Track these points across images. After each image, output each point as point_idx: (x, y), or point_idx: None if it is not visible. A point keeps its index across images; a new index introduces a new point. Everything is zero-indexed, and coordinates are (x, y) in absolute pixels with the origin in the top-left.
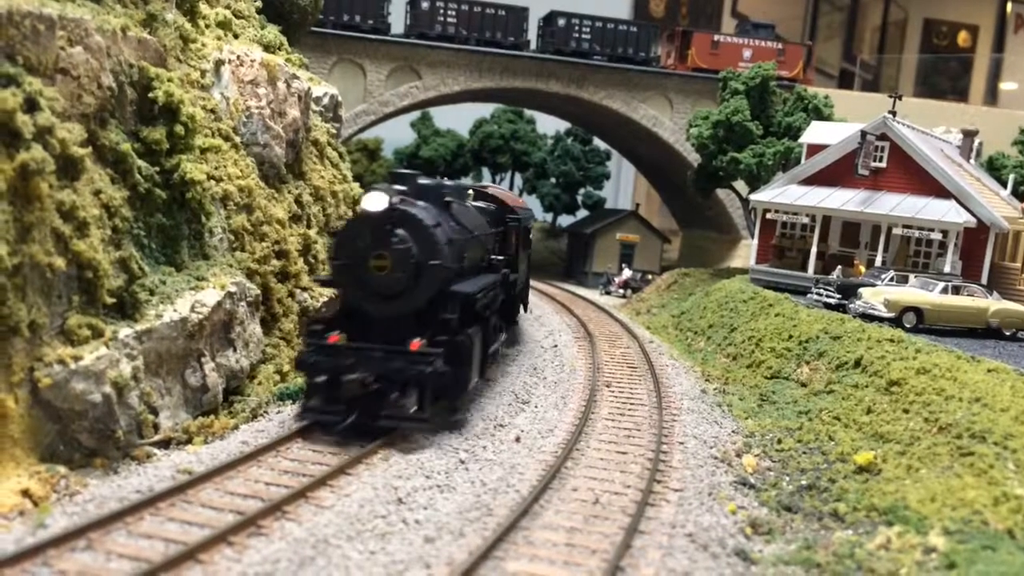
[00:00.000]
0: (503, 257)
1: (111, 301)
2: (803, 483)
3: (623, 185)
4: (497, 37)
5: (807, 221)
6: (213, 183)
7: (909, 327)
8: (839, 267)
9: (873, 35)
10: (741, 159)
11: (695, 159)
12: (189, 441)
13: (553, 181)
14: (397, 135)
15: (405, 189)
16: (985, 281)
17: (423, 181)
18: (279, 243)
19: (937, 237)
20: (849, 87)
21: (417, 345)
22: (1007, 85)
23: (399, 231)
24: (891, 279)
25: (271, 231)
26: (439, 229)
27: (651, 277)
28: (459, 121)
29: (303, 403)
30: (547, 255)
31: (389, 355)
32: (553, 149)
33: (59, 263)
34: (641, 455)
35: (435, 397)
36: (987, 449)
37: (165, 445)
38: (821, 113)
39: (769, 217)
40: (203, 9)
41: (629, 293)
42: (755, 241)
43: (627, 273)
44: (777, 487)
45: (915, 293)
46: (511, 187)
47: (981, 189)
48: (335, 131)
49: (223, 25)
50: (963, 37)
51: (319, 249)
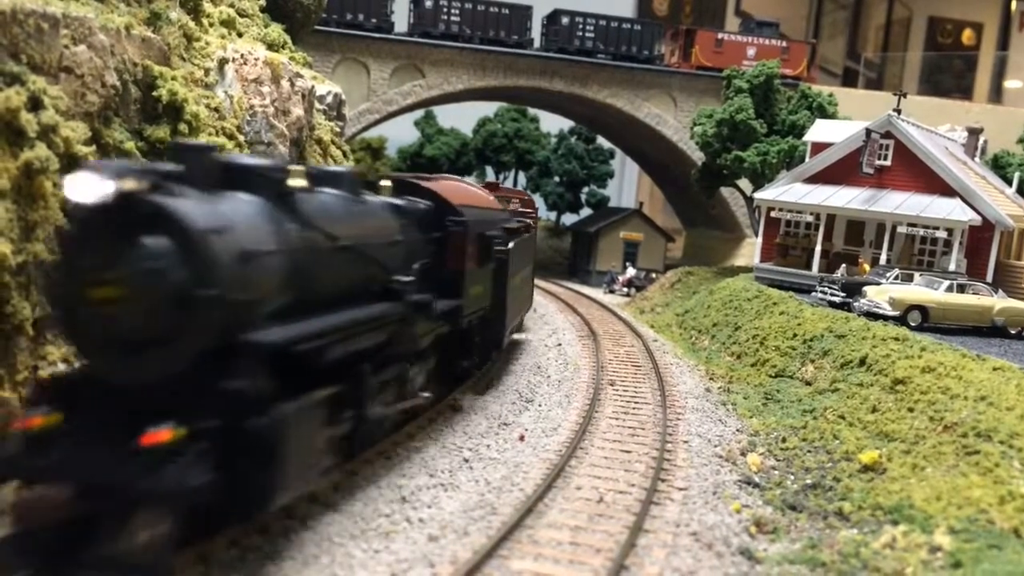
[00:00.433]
0: (429, 278)
1: None
2: (808, 482)
3: (627, 184)
4: (501, 35)
5: (811, 219)
6: None
7: (914, 325)
8: (843, 265)
9: (877, 33)
10: (745, 157)
11: (699, 157)
12: None
13: (557, 179)
14: (401, 134)
15: (173, 171)
16: (990, 279)
17: (226, 158)
18: None
19: (942, 235)
20: (853, 85)
21: (157, 438)
22: (1012, 83)
23: (147, 239)
24: (896, 277)
25: None
26: (220, 237)
27: (655, 275)
28: (463, 120)
29: None
30: (551, 254)
31: (109, 454)
32: (557, 147)
33: None
34: (645, 454)
35: (203, 528)
36: (993, 448)
37: None
38: (825, 111)
39: (773, 215)
40: (207, 7)
41: (633, 291)
42: (759, 239)
43: (631, 271)
44: (782, 486)
45: (920, 291)
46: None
47: (986, 187)
48: (339, 130)
49: (227, 24)
50: (968, 35)
51: None
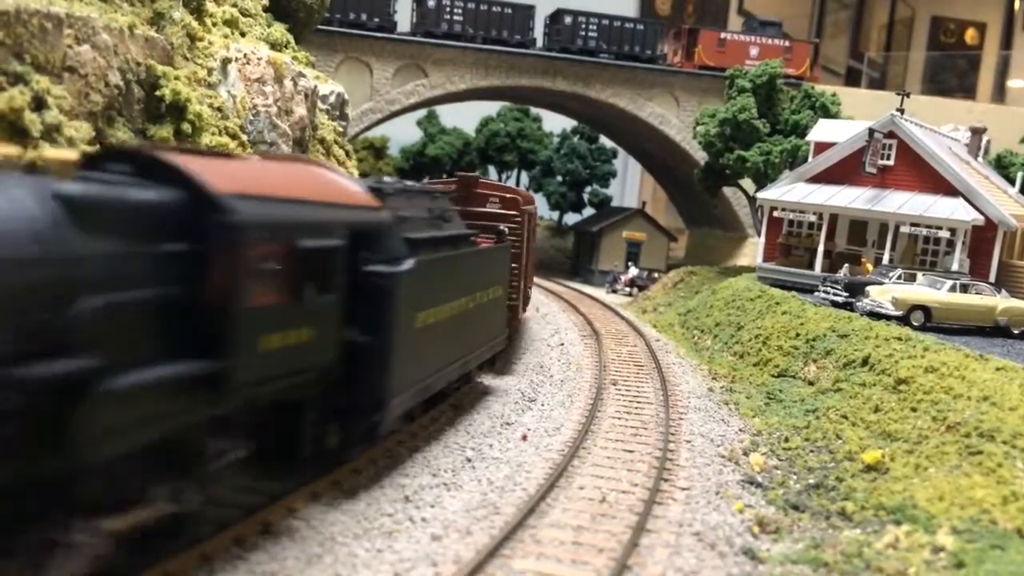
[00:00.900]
0: (166, 322)
1: None
2: (810, 482)
3: (629, 183)
4: (503, 35)
5: (814, 219)
6: None
7: (917, 325)
8: (846, 265)
9: (880, 33)
10: (748, 157)
11: (702, 157)
12: None
13: (559, 179)
14: (403, 133)
15: None
16: (993, 279)
17: None
18: None
19: (945, 235)
20: (856, 85)
21: None
22: (1015, 83)
23: None
24: (899, 277)
25: None
26: None
27: (657, 275)
28: (465, 119)
29: None
30: (553, 253)
31: None
32: (559, 147)
33: None
34: (648, 453)
35: None
36: (996, 448)
37: None
38: (828, 111)
39: (776, 215)
40: (210, 7)
41: (635, 291)
42: (762, 239)
43: (633, 271)
44: (784, 486)
45: (923, 291)
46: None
47: (989, 187)
48: (341, 129)
49: (230, 23)
50: (971, 34)
51: None
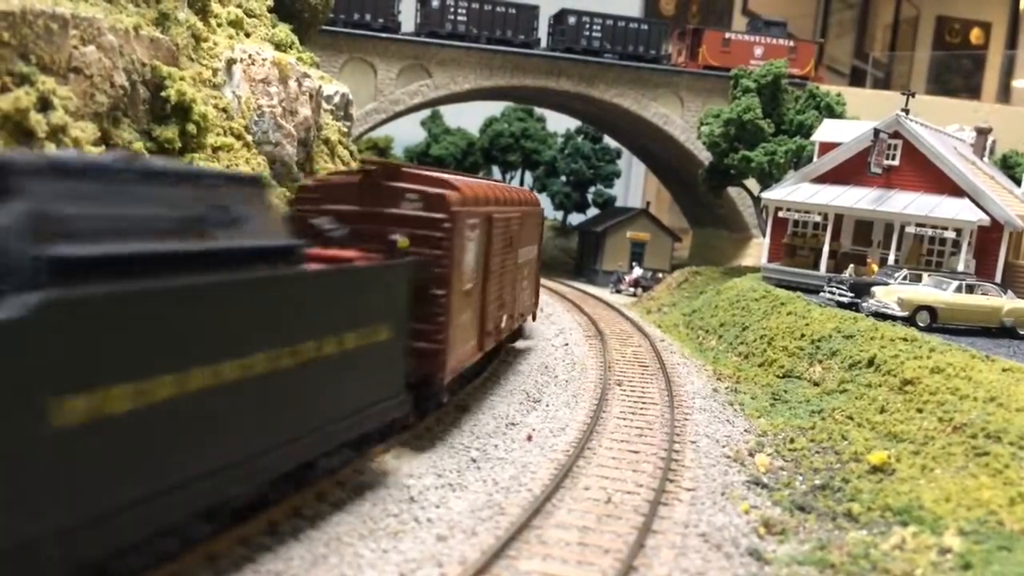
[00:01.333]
0: None
1: None
2: (816, 483)
3: (633, 183)
4: (507, 35)
5: (819, 219)
6: None
7: (923, 326)
8: (852, 266)
9: (885, 33)
10: (752, 157)
11: (706, 157)
12: None
13: (563, 179)
14: (407, 133)
15: None
16: (999, 280)
17: None
18: None
19: (951, 236)
20: (861, 85)
21: None
22: (1020, 82)
23: None
24: (904, 278)
25: None
26: None
27: (661, 275)
28: (469, 119)
29: None
30: (557, 253)
31: None
32: (563, 147)
33: None
34: (653, 454)
35: None
36: (1002, 449)
37: None
38: (833, 111)
39: (781, 215)
40: (215, 8)
41: (639, 291)
42: (767, 239)
43: (637, 271)
44: (790, 487)
45: (929, 292)
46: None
47: (995, 187)
48: (346, 129)
49: (235, 24)
50: (976, 34)
51: None
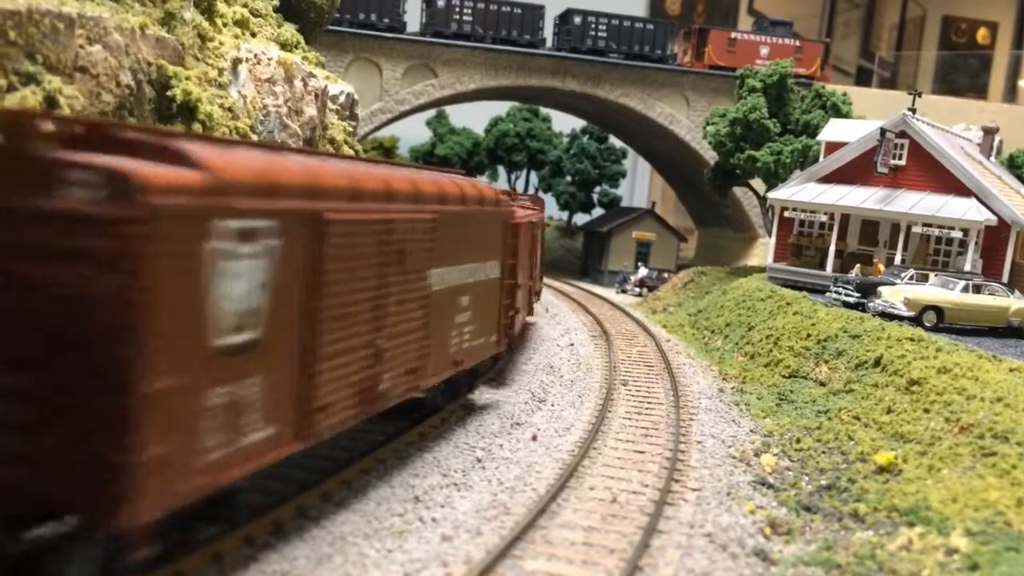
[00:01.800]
0: None
1: None
2: (822, 483)
3: (639, 183)
4: (513, 35)
5: (825, 219)
6: None
7: (929, 326)
8: (858, 265)
9: (891, 32)
10: (758, 157)
11: (712, 157)
12: None
13: (569, 179)
14: (413, 133)
15: None
16: (1006, 280)
17: None
18: None
19: (957, 235)
20: (867, 84)
21: None
22: None
23: None
24: (911, 278)
25: None
26: None
27: (667, 275)
28: (474, 119)
29: None
30: (563, 253)
31: None
32: (569, 147)
33: None
34: (659, 454)
35: None
36: (1010, 449)
37: None
38: (839, 110)
39: (787, 215)
40: (221, 7)
41: (645, 291)
42: (772, 239)
43: (643, 271)
44: (796, 487)
45: (935, 292)
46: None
47: (1002, 187)
48: (351, 129)
49: (240, 23)
50: (982, 34)
51: None
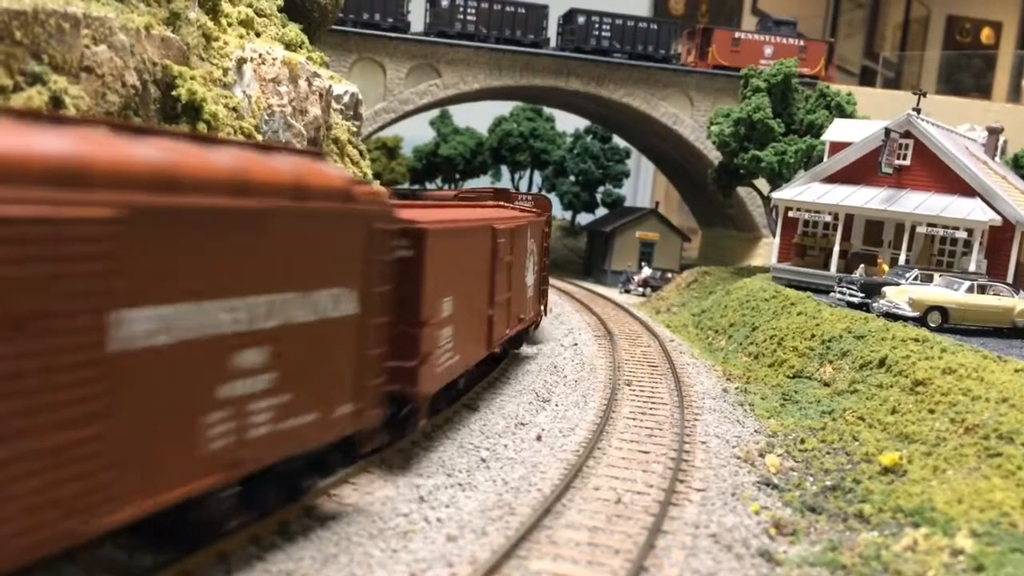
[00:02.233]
0: None
1: None
2: (827, 484)
3: (642, 183)
4: (517, 35)
5: (829, 219)
6: None
7: (934, 326)
8: (862, 266)
9: (895, 32)
10: (762, 157)
11: (716, 157)
12: None
13: (572, 179)
14: (416, 133)
15: None
16: (1011, 280)
17: None
18: None
19: (962, 236)
20: (871, 84)
21: None
22: None
23: None
24: (915, 278)
25: None
26: None
27: (671, 275)
28: (478, 119)
29: None
30: (566, 253)
31: None
32: (572, 147)
33: None
34: (663, 454)
35: None
36: (1015, 450)
37: None
38: (843, 110)
39: (791, 215)
40: (225, 7)
41: (648, 291)
42: (776, 239)
43: (646, 271)
44: (801, 487)
45: (940, 292)
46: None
47: (1007, 187)
48: (355, 129)
49: (245, 23)
50: (986, 34)
51: None
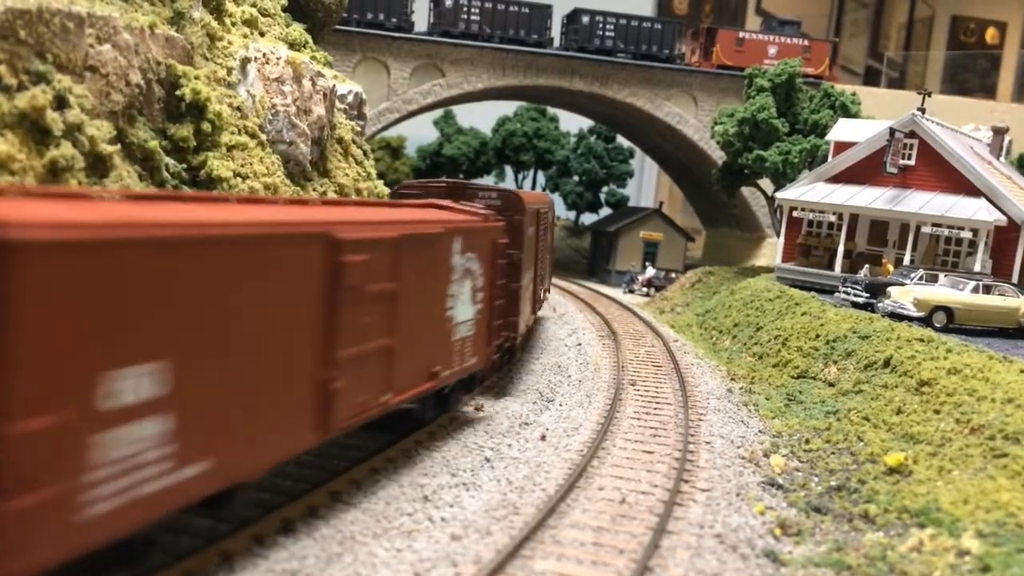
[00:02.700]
0: None
1: None
2: (832, 484)
3: (646, 183)
4: (520, 35)
5: (834, 219)
6: (239, 180)
7: (939, 327)
8: (867, 266)
9: (899, 32)
10: (767, 157)
11: (720, 157)
12: None
13: (576, 179)
14: (420, 133)
15: None
16: (1016, 280)
17: None
18: None
19: (967, 236)
20: (875, 84)
21: None
22: None
23: None
24: (920, 278)
25: None
26: None
27: (675, 275)
28: (482, 119)
29: None
30: (570, 253)
31: None
32: (576, 147)
33: None
34: (668, 454)
35: None
36: (1021, 451)
37: None
38: (848, 110)
39: (795, 215)
40: (229, 7)
41: (652, 291)
42: (781, 239)
43: (650, 271)
44: (806, 488)
45: (945, 292)
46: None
47: (1012, 187)
48: (359, 129)
49: (249, 23)
50: (991, 34)
51: None
